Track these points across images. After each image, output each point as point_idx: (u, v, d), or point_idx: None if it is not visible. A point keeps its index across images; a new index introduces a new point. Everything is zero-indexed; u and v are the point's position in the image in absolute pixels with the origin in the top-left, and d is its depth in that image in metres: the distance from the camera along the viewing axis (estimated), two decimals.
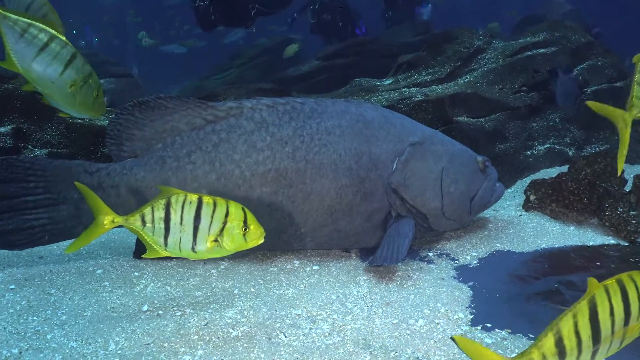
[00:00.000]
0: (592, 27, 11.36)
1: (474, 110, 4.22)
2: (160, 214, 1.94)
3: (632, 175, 3.80)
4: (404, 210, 2.74)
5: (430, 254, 2.83)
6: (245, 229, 2.00)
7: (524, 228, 3.10)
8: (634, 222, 3.02)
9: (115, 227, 2.00)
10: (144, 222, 1.94)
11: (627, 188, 3.41)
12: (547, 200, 3.29)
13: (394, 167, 2.72)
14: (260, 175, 2.53)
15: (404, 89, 4.52)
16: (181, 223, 1.94)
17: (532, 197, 3.36)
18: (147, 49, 16.44)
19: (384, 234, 2.73)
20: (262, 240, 2.05)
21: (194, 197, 1.96)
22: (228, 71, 11.43)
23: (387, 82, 4.95)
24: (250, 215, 2.03)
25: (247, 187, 2.52)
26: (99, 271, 2.57)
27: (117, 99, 6.59)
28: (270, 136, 2.59)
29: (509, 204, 3.55)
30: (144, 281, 2.47)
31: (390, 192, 2.71)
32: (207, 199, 1.97)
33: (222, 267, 2.63)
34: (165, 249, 1.97)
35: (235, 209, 2.00)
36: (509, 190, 4.00)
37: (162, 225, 1.94)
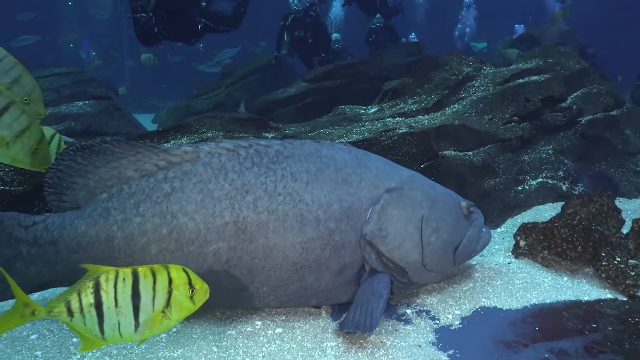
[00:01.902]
0: (587, 47, 11.25)
1: (461, 143, 3.98)
2: (89, 299, 1.66)
3: (630, 215, 3.56)
4: (379, 264, 2.48)
5: (409, 311, 2.56)
6: (192, 291, 1.76)
7: (512, 279, 2.84)
8: (632, 273, 2.76)
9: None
10: (71, 313, 1.66)
11: (626, 229, 3.17)
12: (538, 246, 3.03)
13: (368, 216, 2.46)
14: (217, 228, 2.27)
15: (388, 119, 4.28)
16: (116, 305, 1.67)
17: (522, 243, 3.10)
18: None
19: (357, 288, 2.47)
20: (207, 296, 1.83)
21: (127, 272, 1.69)
22: (217, 90, 11.23)
23: (372, 110, 4.71)
24: (193, 275, 1.81)
25: (201, 242, 2.26)
26: (33, 337, 2.29)
27: (94, 123, 6.35)
28: (229, 184, 2.33)
29: (498, 249, 3.29)
30: None
31: (365, 244, 2.45)
32: (143, 271, 1.71)
33: (174, 329, 2.35)
34: (103, 338, 1.69)
35: (178, 273, 1.76)
36: (499, 230, 3.74)
37: (94, 312, 1.66)
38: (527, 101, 4.47)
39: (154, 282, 1.72)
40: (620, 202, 4.31)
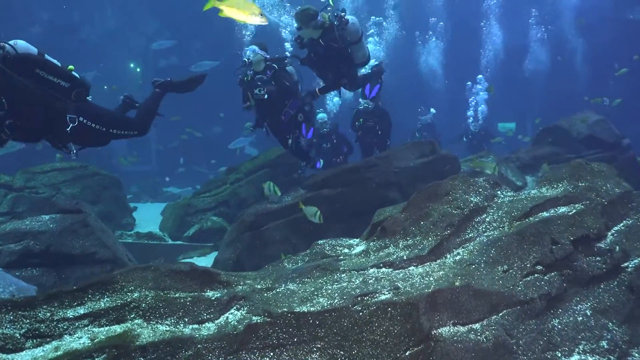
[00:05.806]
0: (622, 137, 10.21)
1: (464, 312, 2.95)
2: None
3: None
4: None
5: None
6: None
7: None
8: None
9: None
10: None
11: None
12: None
13: None
14: None
15: (371, 271, 3.32)
16: None
17: None
18: None
19: None
20: None
21: None
22: (221, 187, 10.53)
23: (357, 250, 3.78)
24: None
25: None
26: None
27: (54, 242, 5.56)
28: None
29: None
30: None
31: None
32: None
33: None
34: None
35: None
36: None
37: None
38: (555, 244, 3.45)
39: None
40: None
